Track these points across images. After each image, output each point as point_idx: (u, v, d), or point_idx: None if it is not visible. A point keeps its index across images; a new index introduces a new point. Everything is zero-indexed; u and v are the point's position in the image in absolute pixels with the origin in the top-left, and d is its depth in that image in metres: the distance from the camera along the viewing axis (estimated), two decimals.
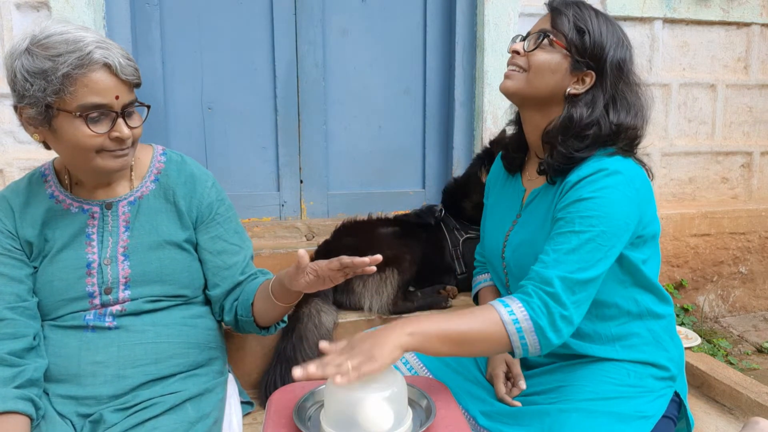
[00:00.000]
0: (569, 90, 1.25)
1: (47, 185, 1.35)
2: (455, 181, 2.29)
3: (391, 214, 2.28)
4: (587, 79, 1.25)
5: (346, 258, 1.14)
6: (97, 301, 1.30)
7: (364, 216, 2.19)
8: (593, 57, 1.23)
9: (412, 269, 2.02)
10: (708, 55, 2.73)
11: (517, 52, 1.28)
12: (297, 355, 1.80)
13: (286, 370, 1.77)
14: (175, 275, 1.35)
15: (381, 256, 1.13)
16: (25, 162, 2.07)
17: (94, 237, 1.32)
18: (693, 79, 2.72)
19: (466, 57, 2.47)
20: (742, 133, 2.86)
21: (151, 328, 1.31)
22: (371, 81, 2.49)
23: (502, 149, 1.52)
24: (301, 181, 2.46)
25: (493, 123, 2.42)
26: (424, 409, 1.13)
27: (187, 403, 1.27)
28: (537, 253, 1.22)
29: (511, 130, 1.48)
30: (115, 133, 1.20)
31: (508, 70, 1.30)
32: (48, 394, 1.25)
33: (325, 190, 2.50)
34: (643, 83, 1.30)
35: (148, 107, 1.30)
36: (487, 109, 2.42)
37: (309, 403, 1.16)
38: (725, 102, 2.79)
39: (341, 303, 2.00)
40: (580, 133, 1.23)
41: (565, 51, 1.24)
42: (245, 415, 1.56)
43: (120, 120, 1.21)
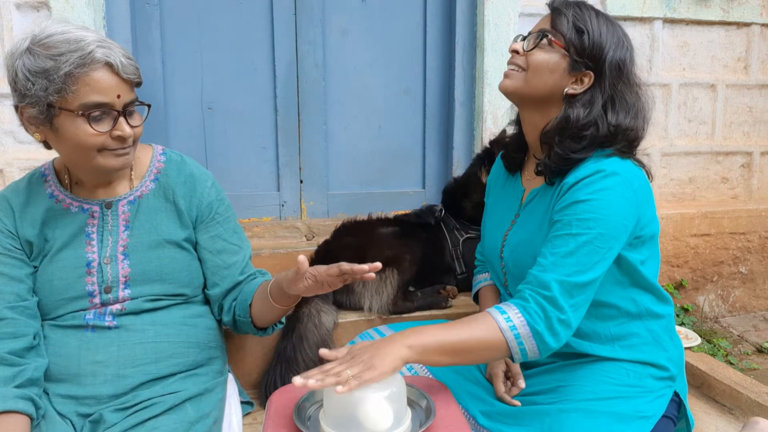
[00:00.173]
0: (567, 90, 1.25)
1: (47, 185, 1.35)
2: (455, 181, 2.29)
3: (391, 214, 2.27)
4: (586, 79, 1.25)
5: (345, 264, 1.15)
6: (97, 300, 1.30)
7: (364, 216, 2.19)
8: (592, 57, 1.23)
9: (412, 269, 2.02)
10: (708, 55, 2.73)
11: (517, 52, 1.29)
12: (297, 355, 1.80)
13: (286, 370, 1.77)
14: (175, 274, 1.35)
15: (380, 264, 1.14)
16: (25, 162, 2.06)
17: (94, 236, 1.32)
18: (693, 79, 2.72)
19: (466, 57, 2.47)
20: (742, 133, 2.86)
21: (151, 328, 1.31)
22: (371, 81, 2.48)
23: (503, 148, 1.52)
24: (301, 181, 2.46)
25: (493, 123, 2.42)
26: (423, 409, 1.13)
27: (186, 403, 1.28)
28: (535, 254, 1.22)
29: (512, 129, 1.48)
30: (116, 132, 1.21)
31: (507, 69, 1.31)
32: (48, 394, 1.25)
33: (325, 190, 2.49)
34: (644, 84, 1.30)
35: (148, 106, 1.30)
36: (487, 109, 2.42)
37: (309, 403, 1.16)
38: (725, 102, 2.78)
39: (341, 303, 1.99)
40: (577, 134, 1.23)
41: (563, 51, 1.24)
42: (245, 415, 1.56)
43: (121, 119, 1.21)
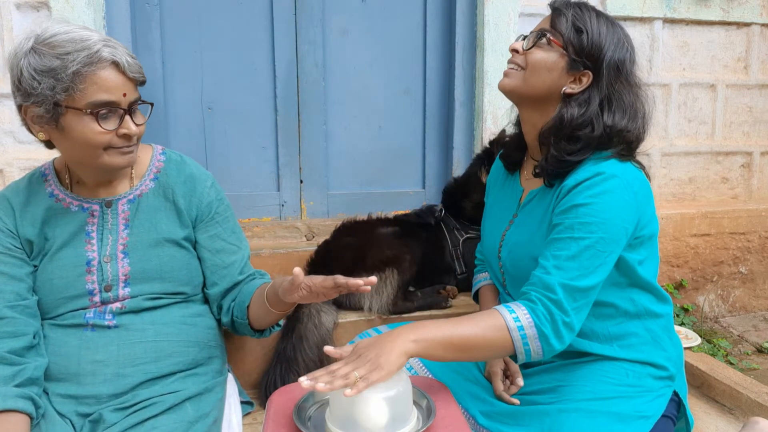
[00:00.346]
0: (565, 89, 1.25)
1: (47, 184, 1.35)
2: (455, 181, 2.29)
3: (391, 214, 2.27)
4: (584, 78, 1.25)
5: (340, 278, 1.16)
6: (97, 298, 1.30)
7: (364, 216, 2.19)
8: (590, 57, 1.23)
9: (412, 269, 2.02)
10: (708, 55, 2.73)
11: (516, 51, 1.29)
12: (297, 355, 1.80)
13: (286, 370, 1.77)
14: (175, 272, 1.35)
15: (375, 279, 1.15)
16: (25, 162, 2.06)
17: (94, 235, 1.32)
18: (693, 79, 2.72)
19: (466, 57, 2.47)
20: (742, 133, 2.86)
21: (151, 327, 1.31)
22: (371, 81, 2.48)
23: (502, 147, 1.52)
24: (301, 181, 2.46)
25: (493, 123, 2.42)
26: (424, 409, 1.13)
27: (186, 403, 1.28)
28: (532, 255, 1.22)
29: (513, 129, 1.48)
30: (123, 130, 1.22)
31: (507, 68, 1.31)
32: (47, 393, 1.25)
33: (325, 190, 2.49)
34: (644, 85, 1.29)
35: (151, 105, 1.31)
36: (487, 109, 2.42)
37: (309, 403, 1.16)
38: (725, 102, 2.78)
39: (341, 303, 1.99)
40: (572, 134, 1.23)
41: (562, 50, 1.24)
42: (245, 415, 1.56)
43: (127, 117, 1.22)
